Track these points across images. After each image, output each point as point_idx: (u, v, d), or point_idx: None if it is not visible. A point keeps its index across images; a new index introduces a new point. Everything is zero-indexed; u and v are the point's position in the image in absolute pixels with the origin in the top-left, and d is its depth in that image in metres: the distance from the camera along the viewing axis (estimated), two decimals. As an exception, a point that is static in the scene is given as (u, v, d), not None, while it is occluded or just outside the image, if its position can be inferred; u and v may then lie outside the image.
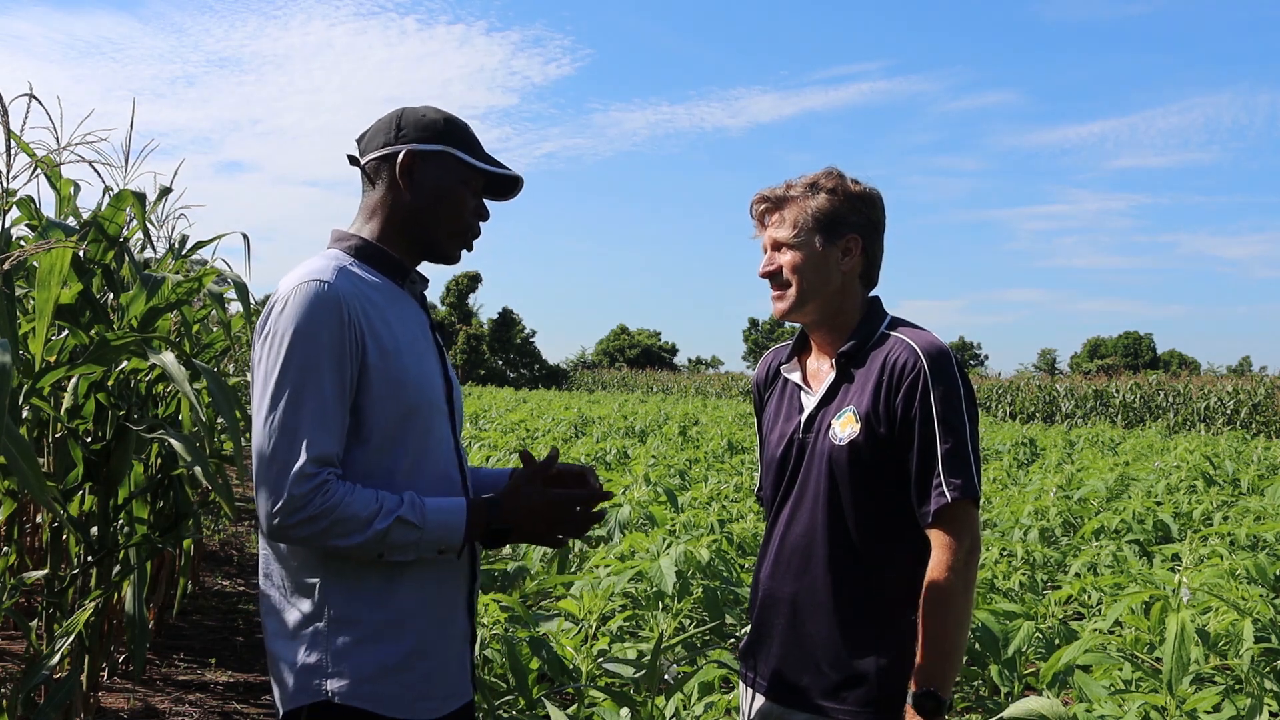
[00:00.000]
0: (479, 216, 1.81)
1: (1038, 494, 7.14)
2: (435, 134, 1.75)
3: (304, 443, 1.56)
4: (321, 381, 1.58)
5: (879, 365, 1.88)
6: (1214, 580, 3.49)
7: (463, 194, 1.76)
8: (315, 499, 1.55)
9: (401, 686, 1.64)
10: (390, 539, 1.58)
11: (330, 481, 1.57)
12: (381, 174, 1.75)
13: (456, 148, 1.75)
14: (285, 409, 1.57)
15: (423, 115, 1.76)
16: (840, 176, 1.96)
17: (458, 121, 1.79)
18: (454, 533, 1.63)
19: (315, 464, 1.56)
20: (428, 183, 1.74)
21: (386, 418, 1.64)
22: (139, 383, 3.54)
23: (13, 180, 2.79)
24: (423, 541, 1.61)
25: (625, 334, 72.96)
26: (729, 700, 2.81)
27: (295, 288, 1.62)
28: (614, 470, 8.65)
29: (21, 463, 2.18)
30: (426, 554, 1.63)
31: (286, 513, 1.55)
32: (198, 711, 4.08)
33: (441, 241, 1.78)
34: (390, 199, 1.75)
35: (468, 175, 1.76)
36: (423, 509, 1.61)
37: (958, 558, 1.77)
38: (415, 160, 1.73)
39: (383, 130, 1.77)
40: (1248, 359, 61.33)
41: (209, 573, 6.62)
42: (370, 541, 1.57)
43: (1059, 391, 31.95)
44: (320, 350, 1.58)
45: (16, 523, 4.02)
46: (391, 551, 1.60)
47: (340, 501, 1.56)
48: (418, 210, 1.75)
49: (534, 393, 37.91)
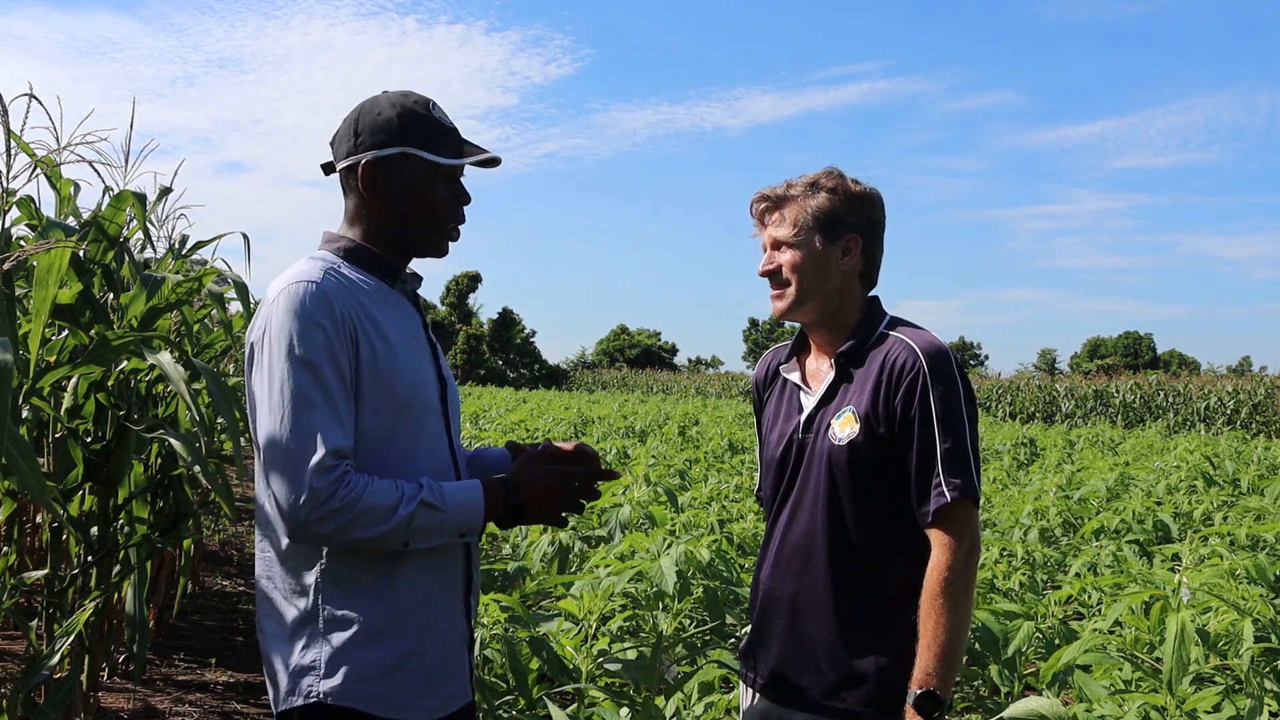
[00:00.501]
0: (458, 203, 1.77)
1: (1038, 494, 7.14)
2: (390, 136, 1.69)
3: (319, 437, 1.55)
4: (325, 377, 1.58)
5: (878, 365, 1.88)
6: (1214, 580, 3.48)
7: (432, 190, 1.72)
8: (339, 491, 1.54)
9: (396, 687, 1.64)
10: (415, 524, 1.59)
11: (350, 473, 1.57)
12: (350, 183, 1.74)
13: (417, 146, 1.70)
14: (295, 406, 1.56)
15: (378, 115, 1.71)
16: (840, 176, 1.96)
17: (415, 112, 1.71)
18: (474, 512, 1.64)
19: (334, 456, 1.55)
20: (394, 187, 1.71)
21: (378, 416, 1.64)
22: (139, 383, 3.54)
23: (13, 180, 2.80)
24: (446, 525, 1.62)
25: (625, 334, 72.96)
26: (729, 700, 2.81)
27: (283, 290, 1.62)
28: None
29: (21, 463, 2.18)
30: (449, 538, 1.64)
31: (311, 507, 1.53)
32: (198, 711, 4.08)
33: (422, 241, 1.77)
34: (366, 206, 1.73)
35: (434, 170, 1.72)
36: (442, 492, 1.62)
37: (957, 557, 1.77)
38: (376, 169, 1.70)
39: (343, 138, 1.74)
40: (1248, 359, 61.37)
41: (209, 573, 6.62)
42: (396, 529, 1.57)
43: (1059, 391, 31.95)
44: (318, 347, 1.58)
45: (16, 523, 4.01)
46: (416, 537, 1.60)
47: (363, 492, 1.56)
48: (391, 214, 1.73)
49: (534, 393, 37.91)
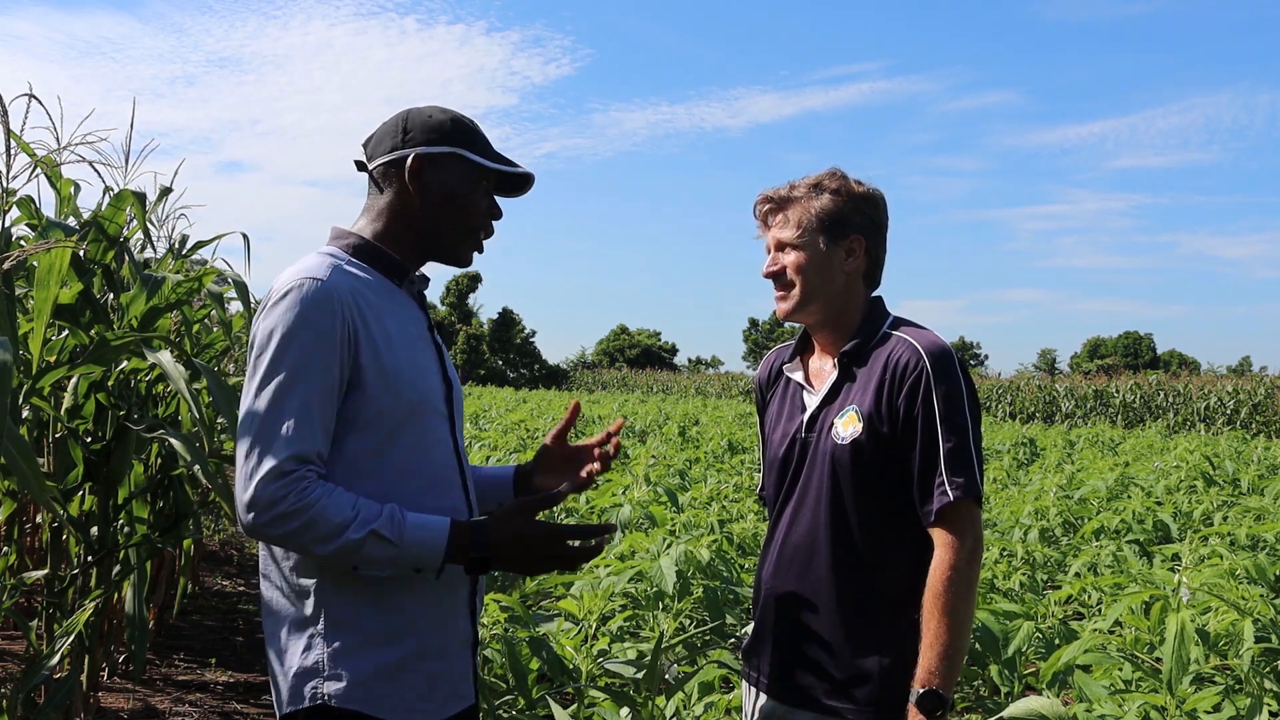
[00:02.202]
0: (491, 216, 1.79)
1: (1038, 494, 7.15)
2: (443, 136, 1.72)
3: (283, 439, 1.53)
4: (311, 378, 1.56)
5: (881, 364, 1.87)
6: (1214, 580, 3.48)
7: (473, 195, 1.74)
8: (290, 497, 1.51)
9: (400, 689, 1.63)
10: (364, 552, 1.53)
11: (308, 479, 1.53)
12: (390, 178, 1.73)
13: (465, 148, 1.73)
14: (269, 404, 1.55)
15: (429, 117, 1.74)
16: (844, 177, 1.96)
17: (465, 121, 1.76)
18: (432, 553, 1.57)
19: (294, 461, 1.53)
20: (437, 186, 1.72)
21: (380, 416, 1.63)
22: (139, 383, 3.54)
23: (13, 180, 2.80)
24: (399, 559, 1.56)
25: (625, 334, 72.97)
26: (729, 700, 2.81)
27: (289, 284, 1.61)
28: (614, 470, 8.65)
29: (21, 463, 2.18)
30: (402, 572, 1.58)
31: (259, 508, 1.51)
32: (198, 711, 4.08)
33: (453, 244, 1.77)
34: (400, 203, 1.73)
35: (478, 176, 1.74)
36: (402, 524, 1.55)
37: (960, 557, 1.77)
38: (424, 164, 1.71)
39: (389, 134, 1.74)
40: (1248, 359, 61.39)
41: (209, 573, 6.62)
42: (342, 551, 1.53)
43: (1059, 391, 31.96)
44: (310, 348, 1.57)
45: (16, 523, 4.01)
46: (365, 565, 1.56)
47: (315, 501, 1.52)
48: (428, 213, 1.73)
49: (534, 393, 37.91)
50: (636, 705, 2.70)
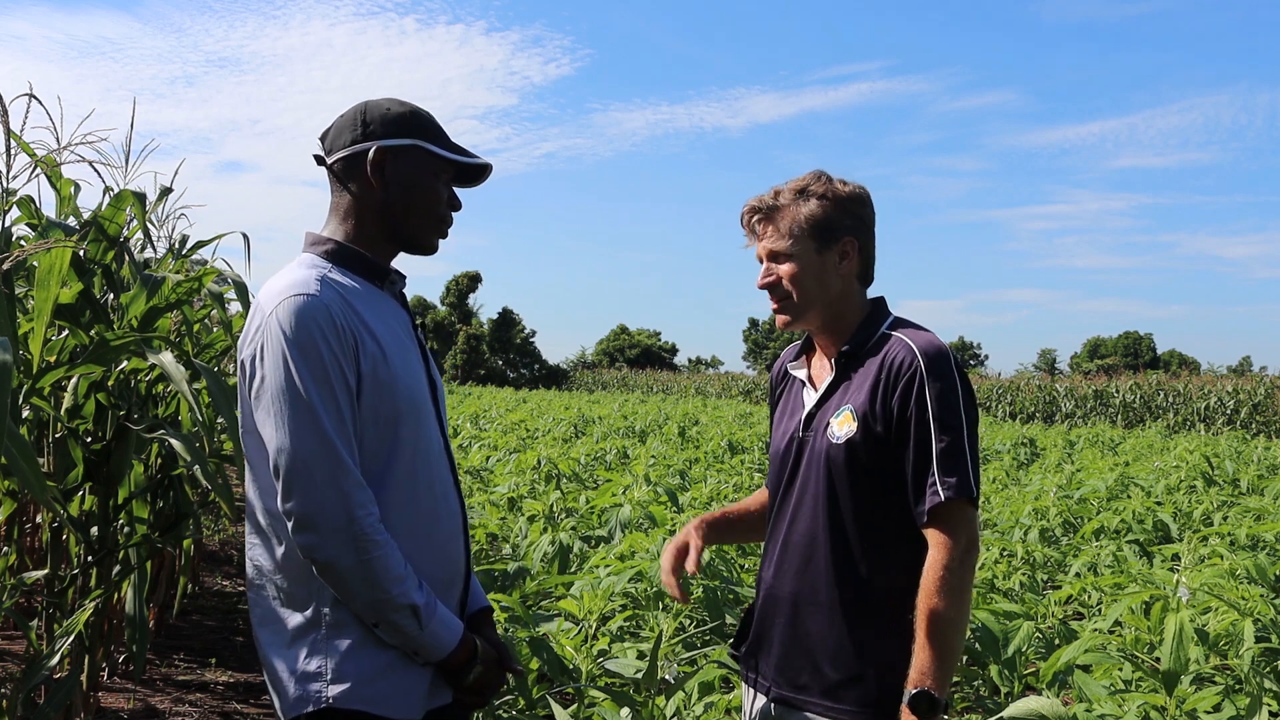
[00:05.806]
0: (452, 206, 1.82)
1: (1038, 494, 7.14)
2: (402, 128, 1.75)
3: (348, 463, 1.57)
4: (336, 396, 1.59)
5: (878, 364, 1.87)
6: (1214, 580, 3.48)
7: (435, 185, 1.77)
8: (368, 520, 1.57)
9: (401, 685, 1.64)
10: (393, 618, 1.59)
11: (376, 514, 1.60)
12: (352, 173, 1.75)
13: (424, 140, 1.76)
14: (314, 425, 1.57)
15: (388, 110, 1.76)
16: (828, 180, 1.95)
17: (422, 113, 1.79)
18: (441, 650, 1.65)
19: (363, 488, 1.59)
20: (400, 177, 1.74)
21: (380, 423, 1.64)
22: (139, 383, 3.54)
23: (13, 180, 2.80)
24: (415, 641, 1.62)
25: (625, 334, 72.93)
26: (729, 700, 2.81)
27: (282, 303, 1.61)
28: (614, 470, 8.65)
29: (21, 463, 2.18)
30: (405, 647, 1.64)
31: (332, 524, 1.55)
32: (198, 711, 4.08)
33: (418, 233, 1.79)
34: (365, 198, 1.75)
35: (438, 166, 1.77)
36: (433, 614, 1.63)
37: (953, 557, 1.76)
38: (386, 156, 1.73)
39: (348, 127, 1.76)
40: (1248, 359, 61.30)
41: (209, 573, 6.62)
42: (377, 604, 1.58)
43: (1059, 391, 31.93)
44: (323, 365, 1.58)
45: (16, 523, 4.02)
46: (384, 627, 1.61)
47: (385, 542, 1.58)
48: (392, 205, 1.75)
49: (534, 393, 37.91)
50: (636, 705, 2.70)
